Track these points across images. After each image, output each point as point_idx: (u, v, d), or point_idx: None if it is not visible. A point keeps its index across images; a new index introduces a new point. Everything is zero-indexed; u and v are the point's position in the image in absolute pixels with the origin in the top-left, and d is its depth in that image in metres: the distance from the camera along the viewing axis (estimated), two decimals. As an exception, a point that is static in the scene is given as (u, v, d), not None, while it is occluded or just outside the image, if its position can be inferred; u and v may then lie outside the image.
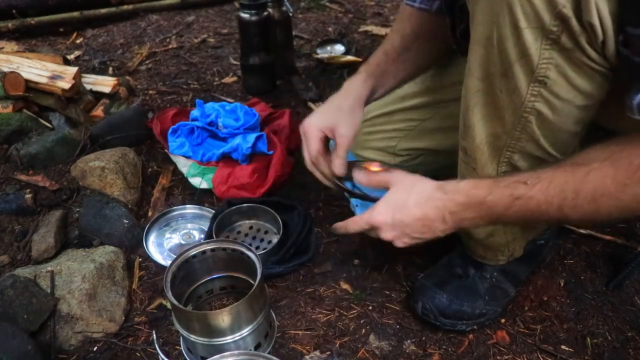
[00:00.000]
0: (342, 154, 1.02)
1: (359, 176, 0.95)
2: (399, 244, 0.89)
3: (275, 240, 1.21)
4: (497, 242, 1.00)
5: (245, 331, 0.92)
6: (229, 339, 0.91)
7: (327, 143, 1.06)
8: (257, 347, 0.96)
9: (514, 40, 0.74)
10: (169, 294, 0.91)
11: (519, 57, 0.75)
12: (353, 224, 0.92)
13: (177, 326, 0.94)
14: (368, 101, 1.10)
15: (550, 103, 0.77)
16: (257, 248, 1.22)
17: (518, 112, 0.80)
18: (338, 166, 1.02)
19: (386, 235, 0.88)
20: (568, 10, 0.68)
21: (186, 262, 1.01)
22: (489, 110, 0.84)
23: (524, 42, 0.73)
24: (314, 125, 1.04)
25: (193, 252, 1.01)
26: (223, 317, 0.89)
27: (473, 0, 0.79)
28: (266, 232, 1.27)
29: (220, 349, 0.91)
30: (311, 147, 1.03)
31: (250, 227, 1.28)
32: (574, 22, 0.68)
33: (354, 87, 1.07)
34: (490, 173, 0.88)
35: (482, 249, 1.03)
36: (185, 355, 0.99)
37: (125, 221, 1.27)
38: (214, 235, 1.18)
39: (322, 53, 2.19)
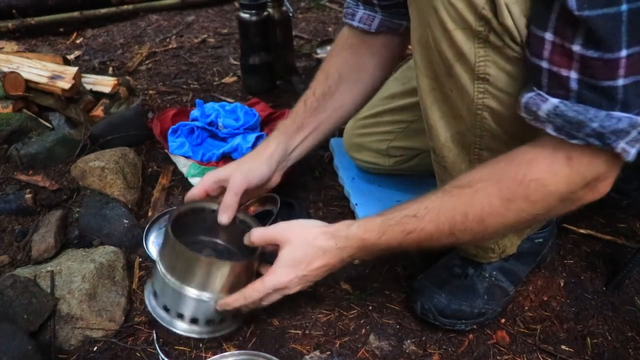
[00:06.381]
0: (229, 201, 0.98)
1: (254, 237, 0.91)
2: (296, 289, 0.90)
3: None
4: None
5: (218, 296, 0.90)
6: (201, 294, 0.89)
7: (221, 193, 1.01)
8: (220, 322, 0.94)
9: (447, 42, 0.75)
10: (169, 225, 0.91)
11: (456, 57, 0.75)
12: (253, 292, 0.88)
13: (159, 264, 0.92)
14: (288, 158, 1.06)
15: (498, 98, 0.77)
16: None
17: (472, 110, 0.80)
18: (223, 217, 0.99)
19: (292, 290, 0.89)
20: (487, 12, 0.69)
21: (201, 211, 1.01)
22: (446, 109, 0.85)
23: (457, 43, 0.74)
24: (212, 175, 1.02)
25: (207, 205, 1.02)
26: (210, 268, 0.88)
27: (409, 4, 0.81)
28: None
29: (185, 302, 0.90)
30: (194, 191, 1.01)
31: None
32: (495, 23, 0.69)
33: (266, 147, 1.04)
34: (463, 170, 0.88)
35: (473, 247, 1.03)
36: (147, 302, 0.96)
37: (125, 221, 1.27)
38: None
39: (322, 53, 2.18)
